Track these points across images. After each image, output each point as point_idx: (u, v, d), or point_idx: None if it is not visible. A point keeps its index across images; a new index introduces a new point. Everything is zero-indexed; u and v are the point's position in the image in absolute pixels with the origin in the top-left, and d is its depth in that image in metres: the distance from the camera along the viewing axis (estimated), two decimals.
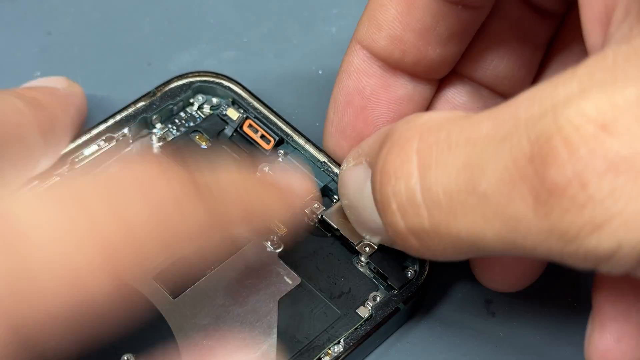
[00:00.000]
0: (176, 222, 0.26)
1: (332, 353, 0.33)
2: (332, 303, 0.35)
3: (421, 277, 0.35)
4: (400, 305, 0.34)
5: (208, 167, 0.28)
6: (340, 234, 0.36)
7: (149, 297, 0.34)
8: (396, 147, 0.28)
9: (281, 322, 0.34)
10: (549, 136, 0.23)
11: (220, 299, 0.35)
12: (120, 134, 0.38)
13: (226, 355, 0.28)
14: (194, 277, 0.35)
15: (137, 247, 0.25)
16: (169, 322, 0.34)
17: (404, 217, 0.27)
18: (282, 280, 0.35)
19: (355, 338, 0.33)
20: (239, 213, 0.29)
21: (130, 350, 0.33)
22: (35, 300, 0.23)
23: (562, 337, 0.35)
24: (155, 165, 0.27)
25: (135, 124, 0.38)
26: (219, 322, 0.34)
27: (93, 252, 0.24)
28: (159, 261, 0.24)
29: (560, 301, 0.36)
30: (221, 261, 0.35)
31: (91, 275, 0.24)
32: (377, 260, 0.35)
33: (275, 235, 0.36)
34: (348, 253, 0.36)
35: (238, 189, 0.29)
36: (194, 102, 0.40)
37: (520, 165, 0.24)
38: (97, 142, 0.38)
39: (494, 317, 0.36)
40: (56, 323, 0.24)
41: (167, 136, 0.39)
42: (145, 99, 0.39)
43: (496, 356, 0.35)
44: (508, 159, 0.24)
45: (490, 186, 0.25)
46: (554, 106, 0.24)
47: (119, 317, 0.25)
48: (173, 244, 0.26)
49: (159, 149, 0.39)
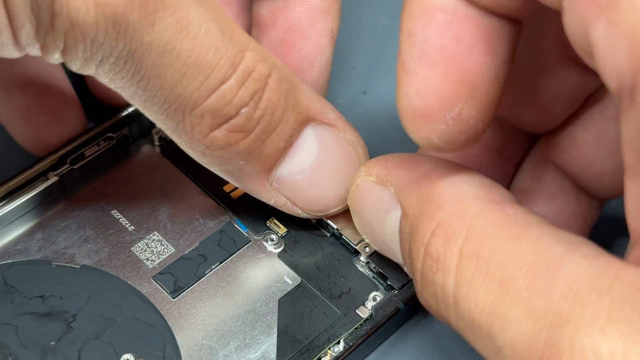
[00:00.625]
0: None
1: (332, 353, 0.33)
2: (332, 303, 0.35)
3: None
4: (400, 305, 0.34)
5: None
6: (340, 234, 0.36)
7: (148, 297, 0.34)
8: (442, 230, 0.28)
9: (281, 322, 0.34)
10: (560, 350, 0.23)
11: (220, 298, 0.35)
12: (120, 133, 0.38)
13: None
14: (194, 277, 0.35)
15: None
16: (169, 322, 0.34)
17: (435, 299, 0.28)
18: (282, 280, 0.35)
19: (355, 338, 0.33)
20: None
21: (130, 350, 0.33)
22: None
23: None
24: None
25: (135, 124, 0.38)
26: (219, 322, 0.34)
27: None
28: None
29: None
30: (221, 261, 0.35)
31: None
32: (377, 260, 0.35)
33: (275, 235, 0.36)
34: (348, 253, 0.36)
35: None
36: None
37: (531, 353, 0.24)
38: (97, 142, 0.38)
39: None
40: None
41: (167, 136, 0.39)
42: None
43: None
44: (523, 337, 0.25)
45: (506, 347, 0.25)
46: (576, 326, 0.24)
47: None
48: None
49: (159, 149, 0.39)
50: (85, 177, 0.38)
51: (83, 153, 0.37)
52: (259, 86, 0.32)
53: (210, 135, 0.32)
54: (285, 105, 0.33)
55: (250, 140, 0.32)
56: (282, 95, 0.32)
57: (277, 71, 0.32)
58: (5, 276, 0.35)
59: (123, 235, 0.36)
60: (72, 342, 0.33)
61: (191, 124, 0.31)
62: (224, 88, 0.31)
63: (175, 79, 0.30)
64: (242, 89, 0.31)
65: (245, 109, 0.31)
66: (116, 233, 0.36)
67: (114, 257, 0.35)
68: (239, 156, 0.33)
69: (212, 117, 0.31)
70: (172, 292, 0.35)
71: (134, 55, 0.29)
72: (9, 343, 0.33)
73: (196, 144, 0.32)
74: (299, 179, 0.34)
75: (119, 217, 0.37)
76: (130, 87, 0.30)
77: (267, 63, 0.32)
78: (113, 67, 0.30)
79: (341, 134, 0.34)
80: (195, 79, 0.30)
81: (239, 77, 0.31)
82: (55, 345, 0.33)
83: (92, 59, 0.29)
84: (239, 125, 0.32)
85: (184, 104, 0.31)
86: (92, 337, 0.33)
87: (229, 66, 0.31)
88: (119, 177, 0.38)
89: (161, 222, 0.37)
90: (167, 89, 0.30)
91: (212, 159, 0.33)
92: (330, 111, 0.34)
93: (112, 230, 0.36)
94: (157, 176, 0.38)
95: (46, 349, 0.33)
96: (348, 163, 0.35)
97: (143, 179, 0.38)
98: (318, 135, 0.34)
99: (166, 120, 0.32)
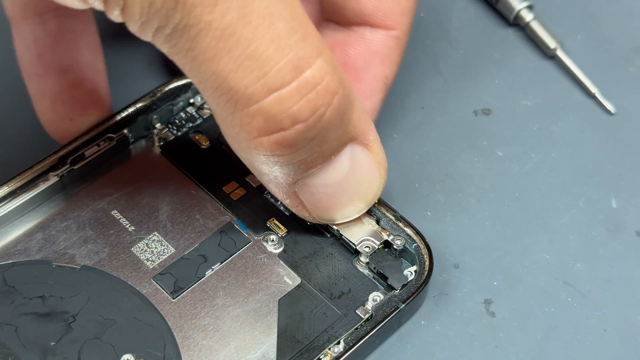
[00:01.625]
0: None
1: (332, 353, 0.33)
2: (332, 303, 0.35)
3: (421, 278, 0.35)
4: (400, 305, 0.34)
5: None
6: (340, 234, 0.36)
7: (148, 297, 0.34)
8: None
9: (281, 322, 0.34)
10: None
11: (220, 299, 0.35)
12: (120, 134, 0.38)
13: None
14: (194, 278, 0.35)
15: None
16: (169, 322, 0.34)
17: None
18: (282, 280, 0.35)
19: (355, 338, 0.33)
20: None
21: (130, 350, 0.33)
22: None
23: (561, 337, 0.35)
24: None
25: (135, 125, 0.38)
26: (219, 322, 0.34)
27: None
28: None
29: (560, 301, 0.36)
30: (221, 261, 0.35)
31: None
32: (377, 260, 0.35)
33: (275, 235, 0.36)
34: (348, 253, 0.36)
35: None
36: (194, 102, 0.40)
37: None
38: (97, 142, 0.38)
39: (494, 317, 0.36)
40: None
41: (167, 136, 0.39)
42: (145, 99, 0.39)
43: (496, 356, 0.35)
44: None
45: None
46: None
47: None
48: None
49: (159, 149, 0.39)
50: (85, 178, 0.38)
51: (83, 153, 0.37)
52: (323, 103, 0.30)
53: (257, 139, 0.30)
54: (339, 126, 0.31)
55: (295, 156, 0.31)
56: (341, 116, 0.31)
57: (344, 88, 0.31)
58: (5, 276, 0.35)
59: (123, 235, 0.36)
60: (72, 343, 0.33)
61: (240, 121, 0.30)
62: (283, 92, 0.29)
63: (230, 67, 0.29)
64: (303, 101, 0.29)
65: (302, 125, 0.30)
66: (116, 233, 0.36)
67: (114, 257, 0.35)
68: (277, 163, 0.32)
69: (264, 121, 0.30)
70: (172, 293, 0.35)
71: (190, 30, 0.28)
72: (9, 343, 0.33)
73: (240, 140, 0.31)
74: (321, 191, 0.34)
75: (119, 218, 0.37)
76: (185, 64, 0.29)
77: (337, 77, 0.30)
78: (169, 39, 0.29)
79: (372, 156, 0.34)
80: (252, 72, 0.29)
81: (301, 86, 0.29)
82: (55, 345, 0.33)
83: (148, 25, 0.28)
84: (290, 140, 0.30)
85: (236, 98, 0.29)
86: (92, 337, 0.33)
87: (291, 69, 0.29)
88: (119, 178, 0.38)
89: (161, 223, 0.37)
90: (221, 76, 0.29)
91: (249, 157, 0.32)
92: (372, 132, 0.34)
93: (112, 230, 0.36)
94: (157, 176, 0.38)
95: (46, 349, 0.33)
96: (369, 185, 0.35)
97: (143, 179, 0.38)
98: (354, 155, 0.33)
99: (216, 109, 0.30)
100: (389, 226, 0.36)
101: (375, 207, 0.36)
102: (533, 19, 0.44)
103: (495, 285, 0.37)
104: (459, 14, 0.46)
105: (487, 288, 0.36)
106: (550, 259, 0.37)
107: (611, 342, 0.35)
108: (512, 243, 0.38)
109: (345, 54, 0.37)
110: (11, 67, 0.39)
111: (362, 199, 0.35)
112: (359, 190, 0.35)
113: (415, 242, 0.35)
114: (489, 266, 0.37)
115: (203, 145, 0.39)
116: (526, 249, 0.38)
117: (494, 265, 0.37)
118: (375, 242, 0.36)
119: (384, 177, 0.35)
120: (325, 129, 0.31)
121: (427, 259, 0.35)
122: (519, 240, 0.38)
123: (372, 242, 0.36)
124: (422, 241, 0.35)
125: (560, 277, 0.37)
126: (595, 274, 0.37)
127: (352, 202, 0.35)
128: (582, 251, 0.37)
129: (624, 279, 0.37)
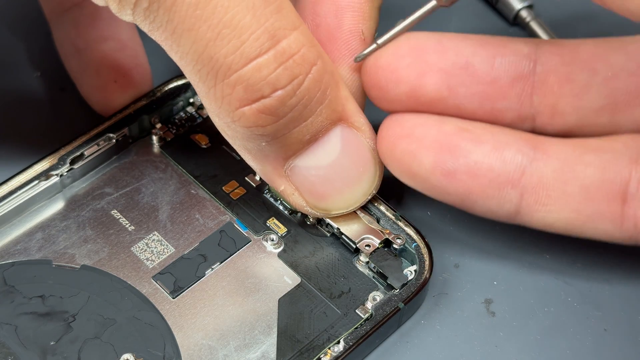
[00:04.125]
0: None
1: (332, 353, 0.33)
2: (332, 303, 0.35)
3: (421, 277, 0.35)
4: (400, 305, 0.34)
5: None
6: (340, 234, 0.36)
7: (148, 296, 0.34)
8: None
9: (281, 322, 0.34)
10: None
11: (220, 298, 0.35)
12: (120, 134, 0.38)
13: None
14: (194, 277, 0.35)
15: None
16: (169, 321, 0.34)
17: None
18: (282, 279, 0.35)
19: (355, 338, 0.33)
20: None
21: (130, 349, 0.33)
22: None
23: (561, 337, 0.35)
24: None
25: (135, 124, 0.38)
26: (219, 322, 0.34)
27: None
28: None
29: (560, 301, 0.36)
30: (221, 261, 0.35)
31: None
32: (377, 260, 0.35)
33: (275, 235, 0.36)
34: (348, 253, 0.36)
35: None
36: (193, 102, 0.40)
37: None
38: (97, 142, 0.38)
39: (494, 317, 0.36)
40: None
41: (167, 136, 0.39)
42: (145, 99, 0.39)
43: (496, 356, 0.35)
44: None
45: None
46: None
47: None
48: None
49: (159, 149, 0.39)
50: (85, 177, 0.38)
51: (83, 153, 0.37)
52: (301, 71, 0.31)
53: (239, 109, 0.31)
54: (322, 99, 0.32)
55: (279, 125, 0.32)
56: (322, 88, 0.32)
57: (323, 62, 0.32)
58: (5, 276, 0.35)
59: (123, 235, 0.36)
60: (72, 342, 0.33)
61: (222, 92, 0.31)
62: (260, 61, 0.30)
63: (209, 35, 0.29)
64: (280, 69, 0.30)
65: (281, 92, 0.31)
66: (116, 233, 0.36)
67: (114, 257, 0.35)
68: (263, 137, 0.32)
69: (245, 90, 0.30)
70: (172, 292, 0.35)
71: (166, 1, 0.29)
72: (9, 343, 0.33)
73: (224, 115, 0.31)
74: (312, 173, 0.34)
75: (119, 217, 0.37)
76: (166, 39, 0.30)
77: (314, 49, 0.31)
78: (147, 13, 0.29)
79: (365, 141, 0.34)
80: (229, 41, 0.29)
81: (278, 55, 0.30)
82: (55, 345, 0.33)
83: (126, 1, 0.29)
84: (271, 107, 0.31)
85: (216, 68, 0.30)
86: (92, 337, 0.33)
87: (268, 38, 0.30)
88: (119, 177, 0.38)
89: (161, 222, 0.37)
90: (200, 46, 0.30)
91: (236, 133, 0.32)
92: (362, 116, 0.34)
93: (112, 230, 0.36)
94: (157, 176, 0.38)
95: (46, 349, 0.33)
96: (364, 170, 0.35)
97: (143, 179, 0.38)
98: (344, 137, 0.34)
99: (199, 84, 0.31)
100: (389, 225, 0.36)
101: (375, 206, 0.36)
102: (533, 19, 0.45)
103: (495, 285, 0.37)
104: (459, 13, 0.46)
105: (487, 288, 0.36)
106: (550, 259, 0.37)
107: (611, 342, 0.35)
108: (512, 243, 0.38)
109: (315, 14, 0.36)
110: (11, 67, 0.39)
111: (358, 185, 0.35)
112: (354, 175, 0.35)
113: (415, 241, 0.35)
114: (489, 266, 0.37)
115: (203, 144, 0.39)
116: (526, 248, 0.38)
117: (494, 265, 0.37)
118: (375, 242, 0.36)
119: (380, 164, 0.35)
120: (307, 99, 0.31)
121: (427, 259, 0.35)
122: (519, 240, 0.38)
123: (372, 241, 0.36)
124: (422, 241, 0.35)
125: (560, 277, 0.37)
126: (595, 274, 0.37)
127: (348, 188, 0.35)
128: (582, 251, 0.37)
129: (624, 279, 0.37)
